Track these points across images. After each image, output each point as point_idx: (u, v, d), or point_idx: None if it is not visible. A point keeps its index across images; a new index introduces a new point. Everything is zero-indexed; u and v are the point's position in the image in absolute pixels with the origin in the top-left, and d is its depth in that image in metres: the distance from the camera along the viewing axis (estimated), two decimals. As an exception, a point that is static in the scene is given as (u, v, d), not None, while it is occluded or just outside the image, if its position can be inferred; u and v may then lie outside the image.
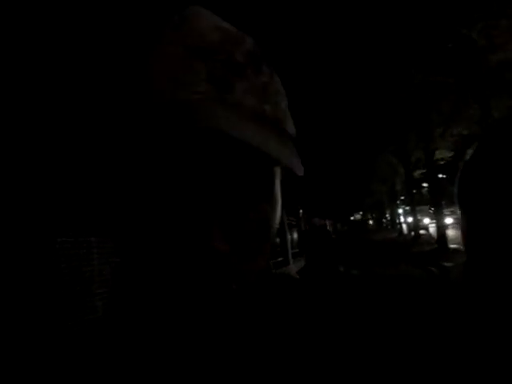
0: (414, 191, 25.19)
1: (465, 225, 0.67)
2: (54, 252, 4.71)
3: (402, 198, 33.21)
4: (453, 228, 28.49)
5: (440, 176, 22.49)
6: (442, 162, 18.08)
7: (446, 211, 28.15)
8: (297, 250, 14.07)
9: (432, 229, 23.68)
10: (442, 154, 17.18)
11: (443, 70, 11.17)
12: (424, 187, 29.66)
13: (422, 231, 25.12)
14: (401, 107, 15.44)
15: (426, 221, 28.94)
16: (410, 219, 28.73)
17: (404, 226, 32.01)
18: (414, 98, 13.75)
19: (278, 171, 0.44)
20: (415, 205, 24.32)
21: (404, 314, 0.52)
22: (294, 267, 11.68)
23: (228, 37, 0.40)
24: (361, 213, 71.84)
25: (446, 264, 11.63)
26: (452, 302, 0.58)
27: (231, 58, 0.39)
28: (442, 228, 16.88)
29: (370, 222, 61.53)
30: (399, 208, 35.85)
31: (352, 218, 68.92)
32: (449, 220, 28.81)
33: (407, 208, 30.47)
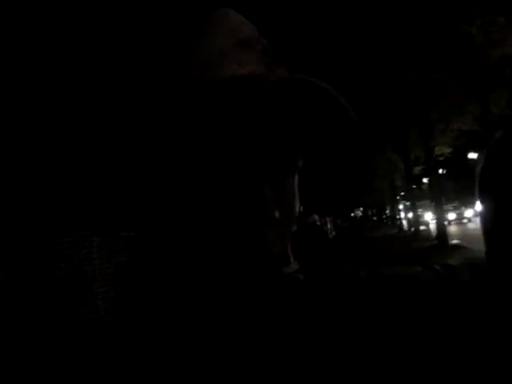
0: (414, 187, 25.16)
1: (488, 216, 0.65)
2: (55, 251, 4.73)
3: (402, 193, 33.17)
4: (455, 224, 28.29)
5: (440, 172, 22.46)
6: (441, 158, 18.05)
7: (448, 207, 27.92)
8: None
9: (433, 225, 23.64)
10: (441, 150, 17.16)
11: (441, 68, 11.14)
12: (424, 183, 29.61)
13: (422, 227, 25.08)
14: (400, 104, 15.40)
15: (428, 216, 28.78)
16: (410, 215, 28.65)
17: (404, 221, 31.94)
18: (413, 96, 13.71)
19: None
20: (415, 200, 24.26)
21: (418, 315, 0.51)
22: (294, 266, 11.67)
23: (254, 33, 0.44)
24: (361, 209, 71.68)
25: (450, 263, 11.57)
26: (465, 302, 0.57)
27: (265, 49, 0.43)
28: (441, 224, 16.86)
29: (374, 218, 61.33)
30: (399, 204, 35.78)
31: (352, 215, 68.76)
32: (451, 216, 28.52)
33: (407, 203, 30.41)
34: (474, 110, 11.71)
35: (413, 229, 24.61)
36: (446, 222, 18.16)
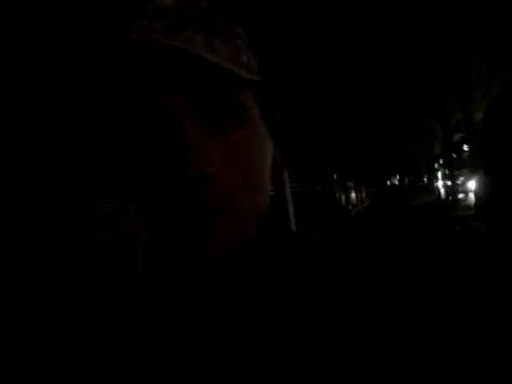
0: (454, 155, 24.27)
1: (486, 187, 0.60)
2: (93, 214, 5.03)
3: (441, 161, 32.09)
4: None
5: (482, 138, 21.33)
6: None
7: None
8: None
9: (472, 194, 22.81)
10: (484, 116, 16.29)
11: (483, 25, 10.46)
12: (465, 151, 28.46)
13: (460, 195, 24.33)
14: (439, 66, 14.68)
15: (471, 185, 27.55)
16: (449, 183, 27.77)
17: (442, 190, 31.07)
18: (452, 56, 13.03)
19: None
20: (455, 169, 23.45)
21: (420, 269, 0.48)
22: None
23: (182, 1, 0.49)
24: (398, 177, 69.99)
25: (470, 223, 11.16)
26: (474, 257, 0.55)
27: (185, 15, 0.47)
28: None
29: (415, 185, 59.52)
30: (438, 172, 34.69)
31: (388, 183, 67.24)
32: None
33: (446, 172, 29.43)
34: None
35: (450, 197, 23.93)
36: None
